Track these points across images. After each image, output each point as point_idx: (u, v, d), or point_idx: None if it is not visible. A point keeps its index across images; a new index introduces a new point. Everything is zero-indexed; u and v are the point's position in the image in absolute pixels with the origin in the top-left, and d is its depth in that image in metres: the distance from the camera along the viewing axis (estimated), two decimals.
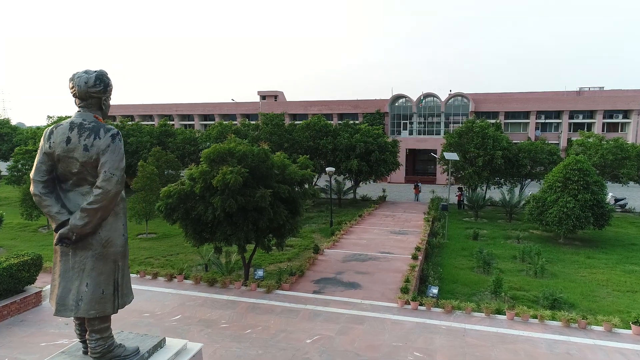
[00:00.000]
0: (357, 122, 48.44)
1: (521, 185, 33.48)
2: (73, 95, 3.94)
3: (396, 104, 57.92)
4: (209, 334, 10.32)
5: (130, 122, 41.71)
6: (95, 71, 3.94)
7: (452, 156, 25.01)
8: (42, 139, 3.88)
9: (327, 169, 26.18)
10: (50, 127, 3.94)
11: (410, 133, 57.16)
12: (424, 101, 56.25)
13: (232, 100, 64.81)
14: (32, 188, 3.78)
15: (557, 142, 52.30)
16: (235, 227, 13.12)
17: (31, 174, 3.83)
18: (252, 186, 12.97)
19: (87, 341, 4.00)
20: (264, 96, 65.24)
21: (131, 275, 14.54)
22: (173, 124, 60.10)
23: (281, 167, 13.93)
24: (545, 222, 21.44)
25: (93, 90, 3.86)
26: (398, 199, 36.59)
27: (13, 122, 66.42)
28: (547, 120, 56.20)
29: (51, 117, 42.40)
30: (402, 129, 57.63)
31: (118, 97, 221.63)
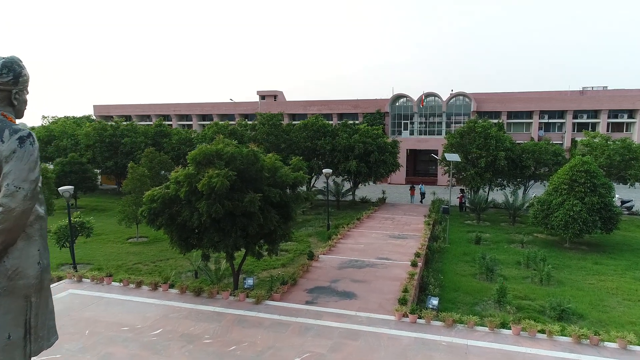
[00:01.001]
0: (357, 122, 47.64)
1: (525, 187, 32.62)
2: None
3: (397, 104, 57.11)
4: (190, 350, 9.55)
5: (125, 122, 40.98)
6: (4, 58, 3.18)
7: (454, 157, 24.19)
8: None
9: (324, 170, 25.38)
10: None
11: (411, 133, 56.34)
12: (425, 100, 55.42)
13: (231, 100, 64.11)
14: None
15: (561, 142, 51.44)
16: (223, 233, 12.36)
17: None
18: (241, 190, 12.20)
19: None
20: (263, 96, 64.53)
21: (114, 284, 13.85)
22: (171, 124, 59.44)
23: (272, 170, 13.15)
24: (550, 226, 20.63)
25: None
26: (398, 201, 35.76)
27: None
28: (550, 120, 55.33)
29: (46, 117, 41.75)
30: (402, 129, 56.81)
31: (116, 97, 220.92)
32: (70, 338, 10.12)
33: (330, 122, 41.42)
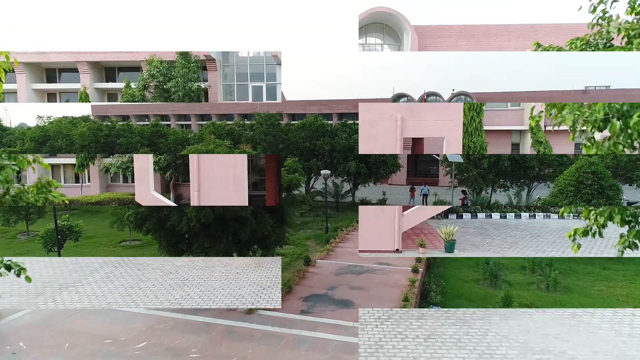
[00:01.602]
0: (357, 122, 46.87)
1: (528, 189, 31.92)
2: None
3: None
4: None
5: (121, 122, 40.33)
6: None
7: (456, 157, 23.54)
8: None
9: (322, 171, 24.75)
10: None
11: None
12: (427, 100, 54.74)
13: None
14: None
15: None
16: (214, 238, 11.76)
17: None
18: None
19: None
20: None
21: None
22: (169, 124, 58.78)
23: None
24: None
25: None
26: (399, 202, 35.09)
27: (15, 123, 65.12)
28: None
29: (41, 117, 41.16)
30: None
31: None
32: (48, 352, 9.51)
33: (330, 122, 40.71)
